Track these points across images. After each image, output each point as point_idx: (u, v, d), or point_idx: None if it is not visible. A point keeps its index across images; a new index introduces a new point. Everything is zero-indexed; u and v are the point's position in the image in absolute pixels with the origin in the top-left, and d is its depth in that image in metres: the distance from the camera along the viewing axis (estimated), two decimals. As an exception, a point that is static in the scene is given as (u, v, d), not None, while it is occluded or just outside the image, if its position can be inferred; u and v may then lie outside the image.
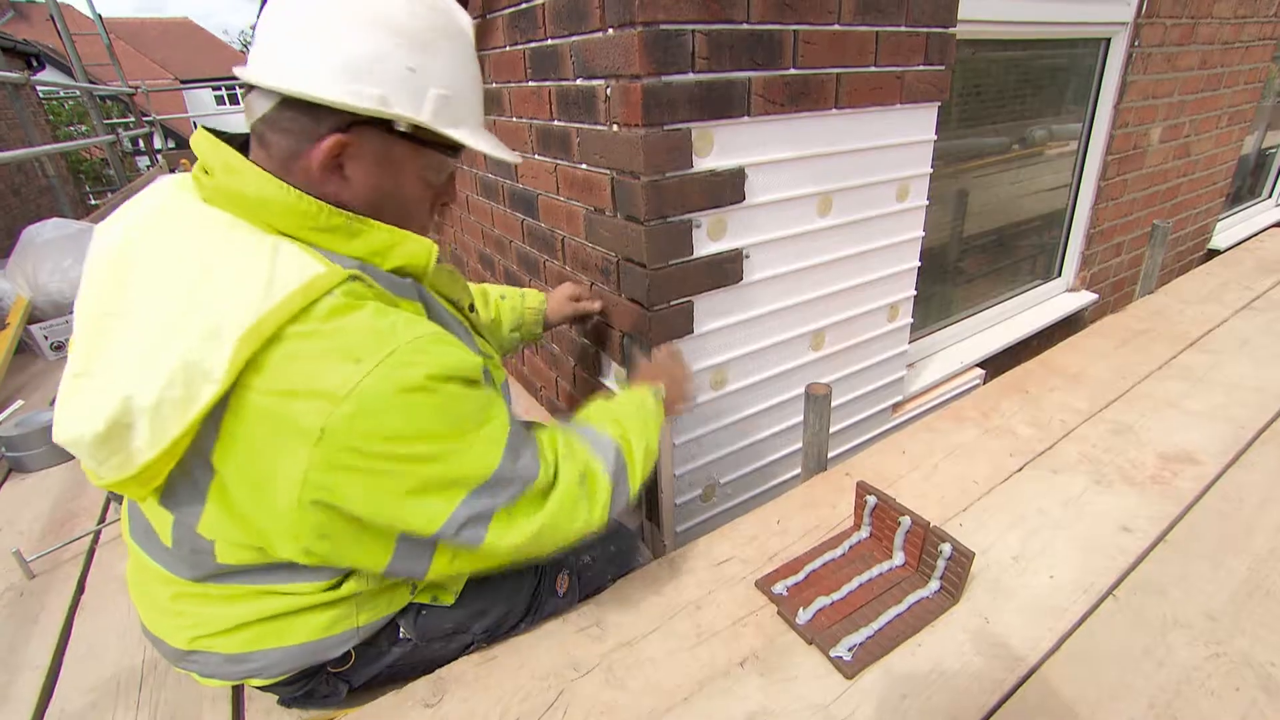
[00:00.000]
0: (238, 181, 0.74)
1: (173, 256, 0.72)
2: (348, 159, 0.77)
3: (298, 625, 0.87)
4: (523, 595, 1.06)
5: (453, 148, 0.85)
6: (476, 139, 0.85)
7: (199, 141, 0.78)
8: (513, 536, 0.81)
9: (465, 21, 0.83)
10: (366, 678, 0.99)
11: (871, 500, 1.16)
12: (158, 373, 0.66)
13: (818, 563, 1.14)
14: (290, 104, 0.74)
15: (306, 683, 0.96)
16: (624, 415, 1.04)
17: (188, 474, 0.73)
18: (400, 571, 0.81)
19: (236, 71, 0.76)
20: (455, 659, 1.03)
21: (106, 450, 0.68)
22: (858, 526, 1.20)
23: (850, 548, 1.17)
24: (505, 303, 1.38)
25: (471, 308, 1.06)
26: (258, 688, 0.96)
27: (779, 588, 1.09)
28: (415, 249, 0.83)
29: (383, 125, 0.77)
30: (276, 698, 1.02)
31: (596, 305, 1.48)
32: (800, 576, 1.11)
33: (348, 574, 0.87)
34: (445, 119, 0.81)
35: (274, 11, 0.75)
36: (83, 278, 0.76)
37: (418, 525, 0.75)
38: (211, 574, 0.83)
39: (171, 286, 0.70)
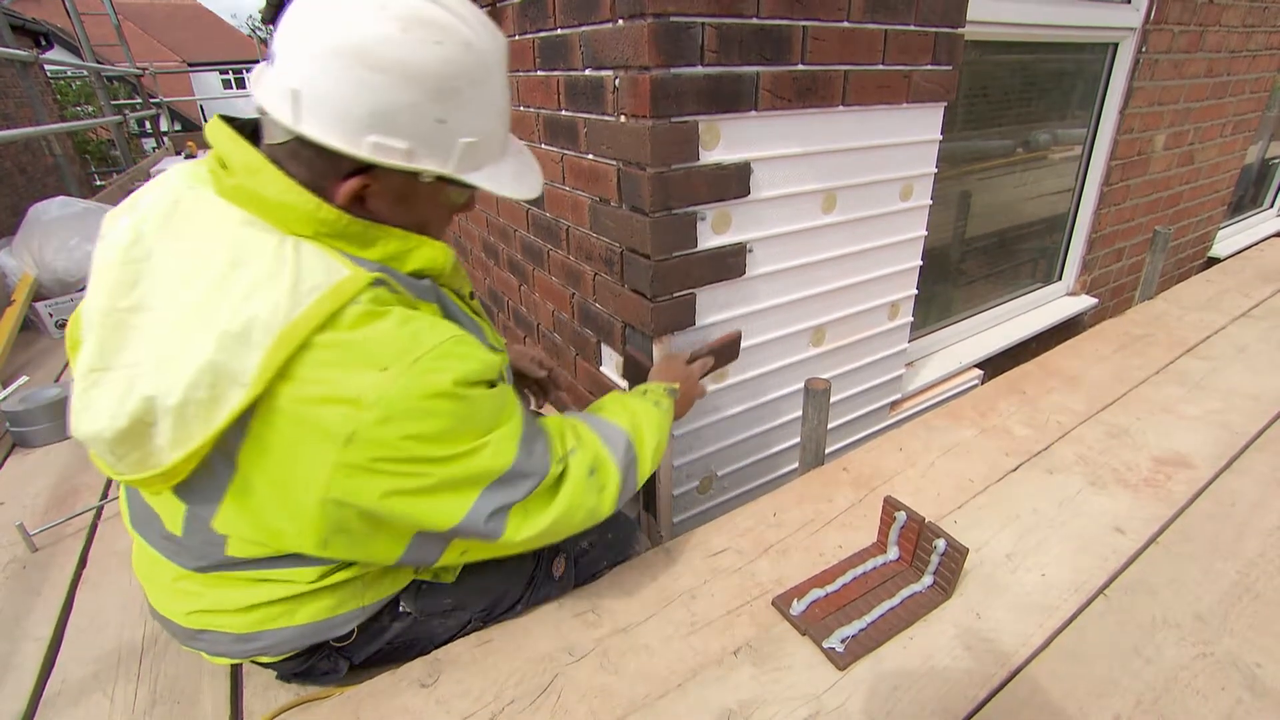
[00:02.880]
0: (258, 183, 0.72)
1: (191, 251, 0.71)
2: (369, 195, 0.76)
3: (304, 607, 0.89)
4: (521, 576, 1.08)
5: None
6: (497, 180, 0.81)
7: (215, 134, 0.76)
8: (528, 529, 0.84)
9: (501, 47, 0.78)
10: (367, 654, 1.00)
11: (902, 516, 1.13)
12: (183, 373, 0.66)
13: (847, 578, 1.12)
14: (311, 143, 0.71)
15: (307, 658, 0.97)
16: (639, 409, 1.06)
17: (209, 470, 0.73)
18: (411, 561, 0.85)
19: (258, 99, 0.72)
20: (452, 638, 1.05)
21: (126, 447, 0.69)
22: (883, 547, 1.17)
23: (875, 568, 1.14)
24: None
25: (473, 295, 1.05)
26: (261, 664, 0.97)
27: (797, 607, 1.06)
28: (432, 254, 0.83)
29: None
30: (275, 673, 1.04)
31: (542, 373, 1.39)
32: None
33: (350, 563, 0.89)
34: (469, 165, 0.78)
35: (297, 37, 0.69)
36: (93, 270, 0.73)
37: (436, 522, 0.78)
38: (216, 564, 0.84)
39: (191, 282, 0.69)
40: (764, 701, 0.90)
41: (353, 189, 0.74)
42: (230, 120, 0.78)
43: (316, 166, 0.73)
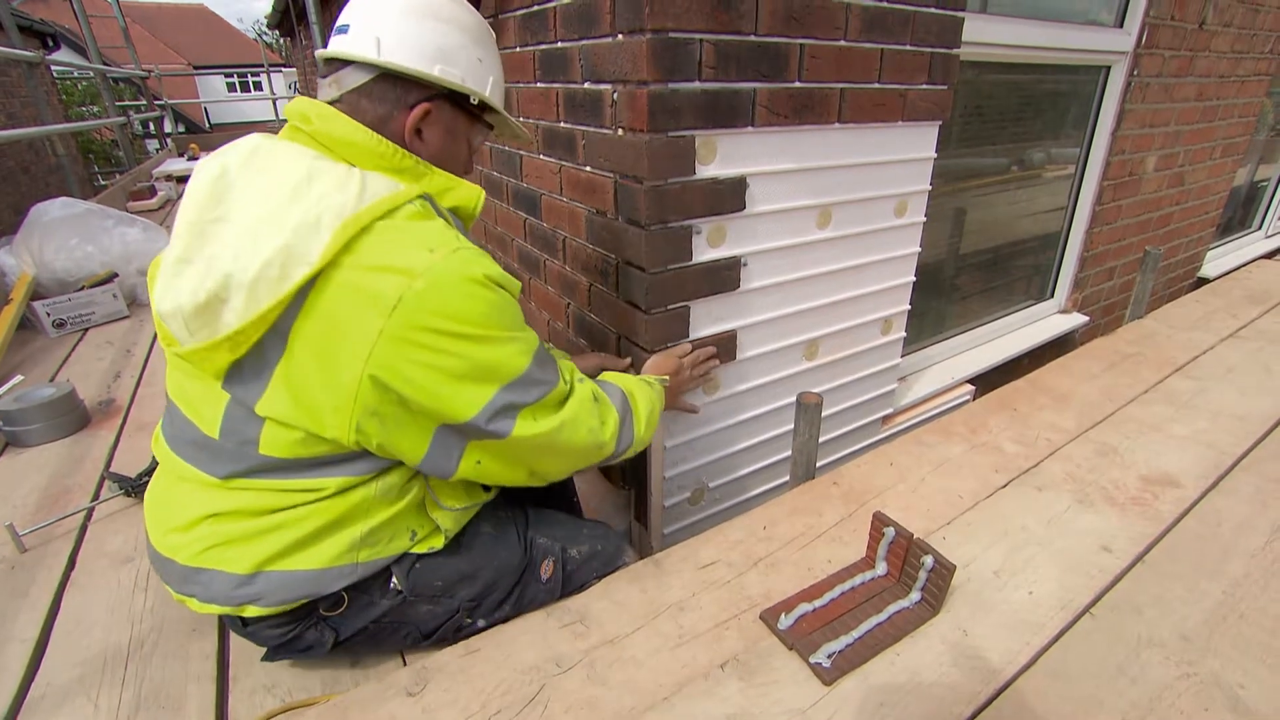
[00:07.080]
0: (329, 125, 0.91)
1: (270, 174, 0.85)
2: (427, 124, 0.97)
3: (306, 549, 0.92)
4: (510, 570, 1.10)
5: (488, 123, 1.08)
6: (512, 115, 1.08)
7: (297, 103, 0.93)
8: (534, 428, 0.94)
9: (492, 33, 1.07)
10: (354, 629, 1.02)
11: (891, 532, 1.12)
12: (258, 255, 0.78)
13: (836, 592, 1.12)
14: (386, 78, 0.93)
15: (295, 625, 0.98)
16: (631, 379, 1.21)
17: (261, 352, 0.84)
18: (432, 466, 0.93)
19: (346, 50, 0.92)
20: (440, 628, 1.06)
21: (200, 321, 0.80)
22: (871, 562, 1.17)
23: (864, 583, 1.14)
24: None
25: None
26: (252, 619, 0.97)
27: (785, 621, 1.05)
28: (467, 192, 1.02)
29: (453, 100, 0.99)
30: (262, 652, 1.04)
31: (625, 361, 1.48)
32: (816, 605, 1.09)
33: (368, 478, 0.94)
34: (498, 99, 1.05)
35: (378, 6, 0.93)
36: (184, 197, 0.86)
37: (456, 410, 0.87)
38: (247, 469, 0.89)
39: (268, 196, 0.83)
40: (750, 716, 0.90)
41: (419, 114, 0.95)
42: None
43: (389, 97, 0.94)
